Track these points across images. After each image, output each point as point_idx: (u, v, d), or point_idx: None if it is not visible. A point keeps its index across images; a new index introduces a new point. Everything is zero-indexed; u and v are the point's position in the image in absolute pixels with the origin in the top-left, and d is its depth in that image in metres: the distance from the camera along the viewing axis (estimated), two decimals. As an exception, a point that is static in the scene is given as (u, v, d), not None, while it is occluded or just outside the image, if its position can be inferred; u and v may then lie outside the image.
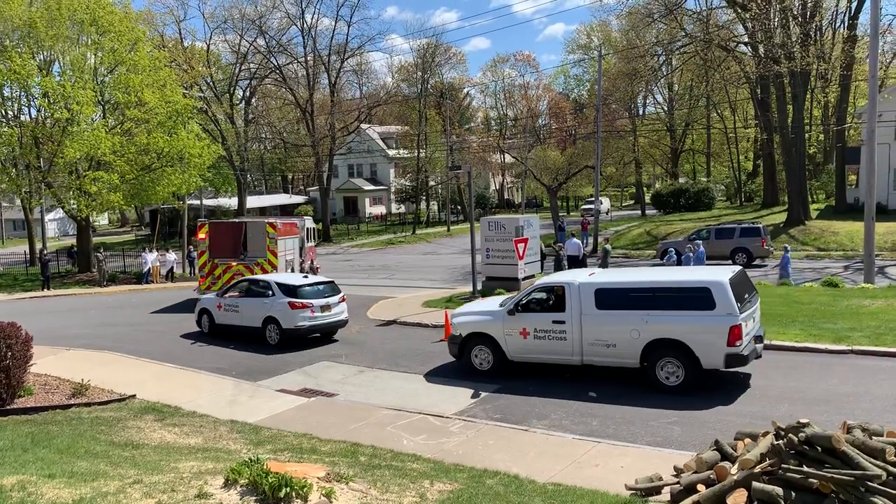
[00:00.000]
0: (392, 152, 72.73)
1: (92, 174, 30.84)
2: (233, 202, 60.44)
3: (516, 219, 23.84)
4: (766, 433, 7.11)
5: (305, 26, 56.51)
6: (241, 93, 61.47)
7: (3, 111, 33.62)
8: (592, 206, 40.20)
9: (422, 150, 61.29)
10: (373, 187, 74.50)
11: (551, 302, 13.17)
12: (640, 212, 59.52)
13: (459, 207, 69.11)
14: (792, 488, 6.23)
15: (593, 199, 40.78)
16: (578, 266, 24.02)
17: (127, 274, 35.11)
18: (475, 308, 14.90)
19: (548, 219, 45.69)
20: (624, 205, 79.35)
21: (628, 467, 8.41)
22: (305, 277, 19.23)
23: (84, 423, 10.69)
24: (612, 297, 12.30)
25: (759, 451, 6.67)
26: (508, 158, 64.08)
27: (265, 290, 18.07)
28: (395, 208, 74.06)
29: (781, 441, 6.62)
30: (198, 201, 45.51)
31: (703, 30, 39.97)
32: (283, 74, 57.55)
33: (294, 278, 18.82)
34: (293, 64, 59.57)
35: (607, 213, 59.54)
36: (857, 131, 46.50)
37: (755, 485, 6.33)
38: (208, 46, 55.94)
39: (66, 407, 11.86)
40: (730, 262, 26.14)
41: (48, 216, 55.91)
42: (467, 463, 8.83)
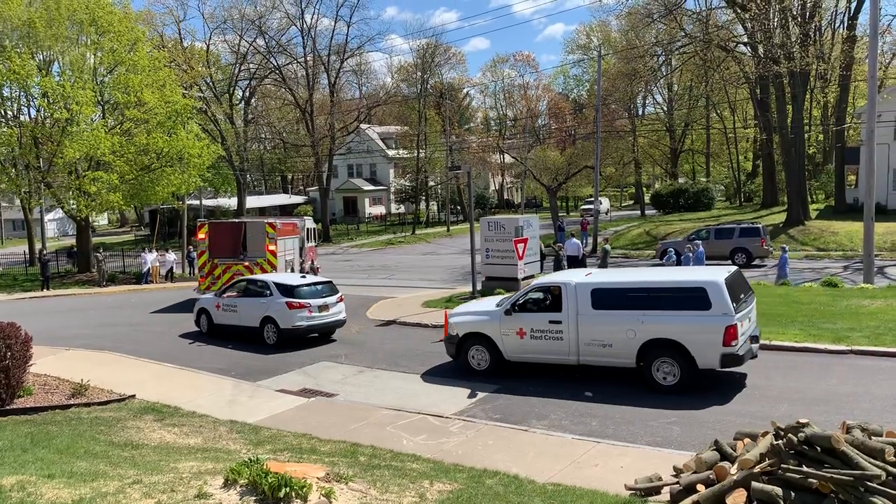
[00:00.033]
0: (392, 152, 72.73)
1: (91, 174, 30.83)
2: (232, 202, 60.43)
3: (516, 219, 23.84)
4: (765, 433, 7.11)
5: (305, 26, 56.62)
6: (241, 93, 61.49)
7: (3, 111, 33.64)
8: (592, 207, 40.20)
9: (421, 151, 61.33)
10: (372, 187, 74.52)
11: (548, 302, 13.18)
12: (639, 212, 59.55)
13: (459, 208, 69.13)
14: (791, 488, 6.23)
15: (593, 199, 40.80)
16: (578, 266, 24.02)
17: (126, 274, 35.13)
18: (472, 308, 14.89)
19: (547, 219, 45.70)
20: (623, 205, 79.38)
21: (628, 467, 8.41)
22: (303, 277, 19.23)
23: (83, 424, 10.68)
24: (609, 297, 12.30)
25: (759, 451, 6.68)
26: (508, 159, 64.06)
27: (263, 290, 18.08)
28: (394, 208, 74.07)
29: (781, 441, 6.62)
30: (197, 201, 45.50)
31: (702, 30, 39.98)
32: (283, 74, 57.57)
33: (292, 278, 18.83)
34: (293, 64, 59.62)
35: (607, 214, 59.54)
36: (856, 131, 46.49)
37: (754, 485, 6.33)
38: (208, 46, 55.96)
39: (65, 407, 11.85)
40: (729, 263, 26.15)
41: (48, 216, 55.85)
42: (467, 463, 8.83)
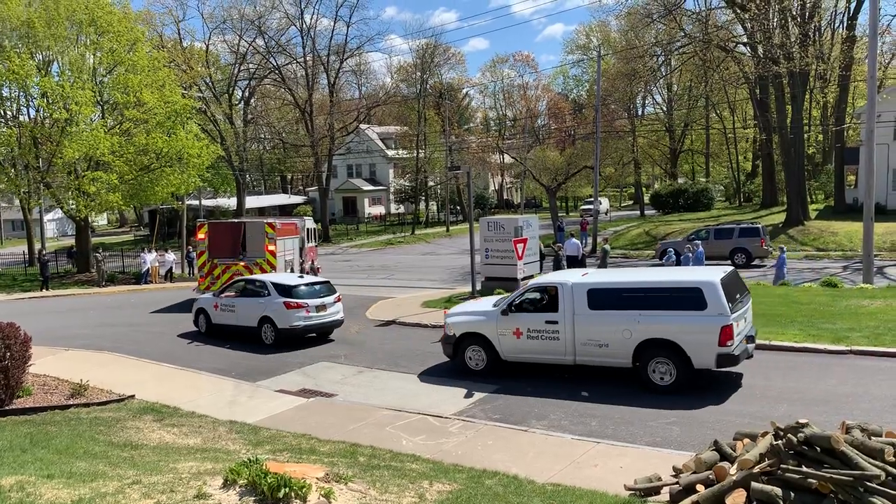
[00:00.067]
0: (391, 152, 72.73)
1: (91, 174, 30.81)
2: (232, 202, 60.43)
3: (515, 219, 23.84)
4: (764, 433, 7.11)
5: (304, 27, 56.61)
6: (240, 93, 61.45)
7: (2, 111, 33.63)
8: (591, 207, 40.21)
9: (421, 151, 61.32)
10: (372, 187, 74.52)
11: (544, 302, 13.19)
12: (639, 212, 59.56)
13: (458, 208, 69.13)
14: (791, 488, 6.23)
15: (592, 199, 40.81)
16: (577, 266, 24.04)
17: (126, 274, 35.13)
18: (469, 308, 14.89)
19: (547, 219, 45.70)
20: (623, 205, 79.43)
21: (627, 467, 8.41)
22: (301, 277, 19.22)
23: (83, 424, 10.67)
24: (605, 297, 12.32)
25: (758, 451, 6.67)
26: (507, 159, 64.08)
27: (261, 289, 18.09)
28: (394, 208, 74.06)
29: (780, 441, 6.62)
30: (197, 201, 45.47)
31: (702, 30, 39.97)
32: (282, 75, 57.54)
33: (289, 278, 18.83)
34: (292, 64, 59.59)
35: (606, 214, 59.56)
36: (855, 132, 46.52)
37: (754, 485, 6.33)
38: (207, 47, 55.96)
39: (64, 407, 11.84)
40: (729, 263, 26.15)
41: (47, 216, 55.86)
42: (466, 463, 8.83)
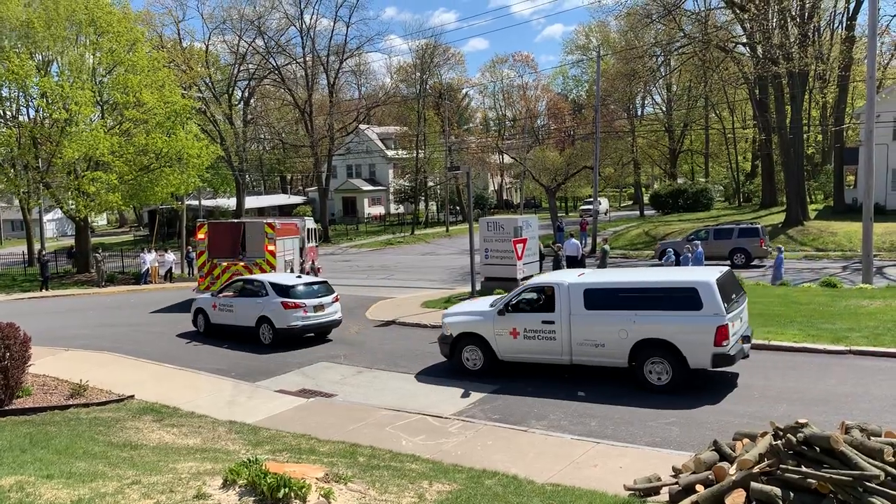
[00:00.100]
0: (391, 153, 72.73)
1: (90, 174, 30.79)
2: (231, 203, 60.41)
3: (515, 219, 23.85)
4: (764, 433, 7.11)
5: (304, 27, 56.60)
6: (240, 93, 61.44)
7: (2, 111, 33.60)
8: (591, 207, 40.20)
9: (420, 151, 61.30)
10: (371, 188, 74.52)
11: (541, 302, 13.21)
12: (638, 212, 59.55)
13: (458, 208, 69.13)
14: (790, 488, 6.23)
15: (592, 199, 40.80)
16: (577, 266, 24.05)
17: (125, 274, 35.11)
18: (466, 308, 14.92)
19: (546, 219, 45.68)
20: (622, 205, 79.44)
21: (627, 468, 8.41)
22: (299, 277, 19.21)
23: (82, 424, 10.67)
24: (601, 297, 12.34)
25: (758, 451, 6.68)
26: (507, 159, 64.08)
27: (259, 289, 18.10)
28: (393, 209, 74.06)
29: (780, 441, 6.62)
30: (196, 202, 45.44)
31: (701, 30, 39.95)
32: (282, 75, 57.52)
33: (287, 278, 18.84)
34: (292, 64, 59.56)
35: (606, 214, 59.56)
36: (855, 132, 46.53)
37: (753, 485, 6.33)
38: (207, 47, 55.94)
39: (64, 407, 11.84)
40: (728, 263, 26.16)
41: (46, 217, 55.77)
42: (466, 463, 8.83)
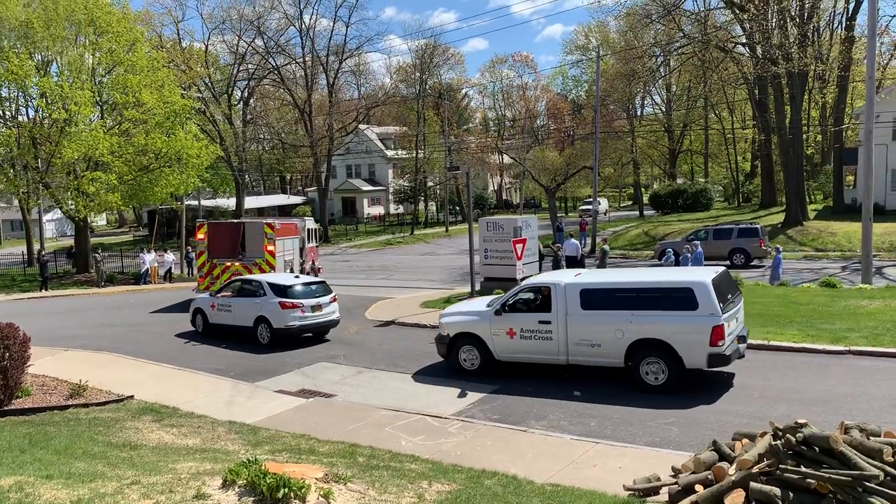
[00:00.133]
0: (390, 153, 72.73)
1: (90, 175, 30.80)
2: (231, 203, 60.40)
3: (514, 219, 23.86)
4: (763, 433, 7.11)
5: (303, 27, 56.60)
6: (240, 93, 61.43)
7: (1, 111, 33.61)
8: (590, 207, 40.20)
9: (420, 151, 61.31)
10: (371, 188, 74.51)
11: (538, 302, 13.24)
12: (638, 212, 59.54)
13: (458, 208, 69.13)
14: (790, 488, 6.23)
15: (591, 199, 40.80)
16: (577, 267, 24.07)
17: (125, 274, 35.10)
18: (463, 308, 14.95)
19: (546, 219, 45.69)
20: (622, 205, 79.43)
21: (626, 468, 8.41)
22: (297, 277, 19.20)
23: (82, 424, 10.67)
24: (597, 297, 12.37)
25: (757, 451, 6.68)
26: (507, 159, 64.07)
27: (257, 289, 18.11)
28: (393, 209, 74.06)
29: (779, 441, 6.62)
30: (196, 202, 45.47)
31: (701, 31, 39.95)
32: (282, 75, 57.53)
33: (285, 278, 18.83)
34: (291, 64, 59.58)
35: (605, 214, 59.58)
36: (854, 132, 46.58)
37: (753, 485, 6.33)
38: (206, 47, 55.93)
39: (63, 408, 11.84)
40: (728, 263, 26.16)
41: (46, 217, 55.71)
42: (465, 463, 8.83)
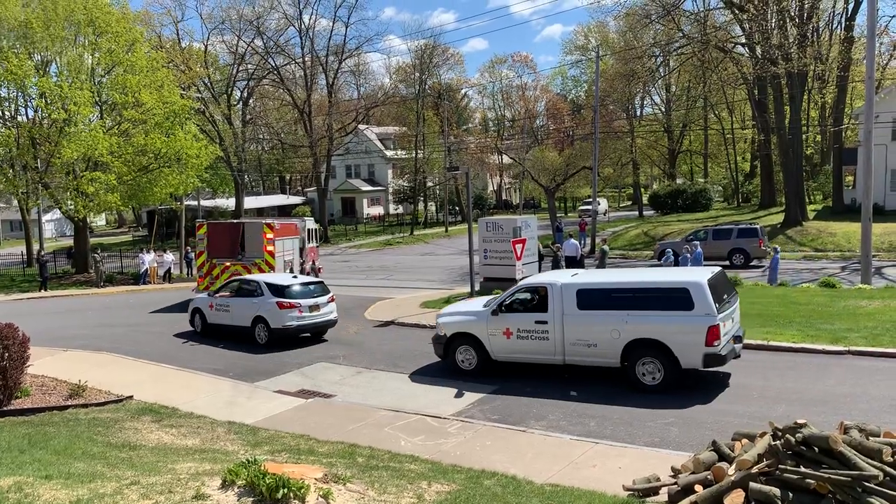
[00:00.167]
0: (390, 153, 72.72)
1: (89, 175, 30.78)
2: (230, 203, 60.39)
3: (514, 220, 23.87)
4: (763, 434, 7.11)
5: (303, 27, 56.62)
6: (239, 93, 61.42)
7: (1, 112, 33.58)
8: (590, 207, 40.21)
9: (419, 151, 61.31)
10: (371, 188, 74.50)
11: (534, 302, 13.25)
12: (637, 213, 59.53)
13: (457, 208, 69.12)
14: (789, 489, 6.23)
15: (591, 199, 40.80)
16: (576, 267, 24.07)
17: (124, 275, 35.09)
18: (460, 308, 14.98)
19: (546, 220, 45.68)
20: (621, 206, 79.44)
21: (626, 468, 8.41)
22: (295, 278, 19.20)
23: (81, 425, 10.66)
24: (594, 297, 12.38)
25: (757, 451, 6.68)
26: (506, 159, 64.08)
27: (255, 289, 18.12)
28: (392, 209, 74.06)
29: (779, 442, 6.62)
30: (195, 202, 45.44)
31: (700, 31, 39.97)
32: (281, 75, 57.52)
33: (283, 278, 18.84)
34: (291, 65, 59.58)
35: (605, 214, 59.60)
36: (854, 132, 46.58)
37: (752, 485, 6.33)
38: (206, 47, 55.92)
39: (63, 408, 11.83)
40: (727, 263, 26.17)
41: (45, 217, 55.73)
42: (465, 464, 8.82)
